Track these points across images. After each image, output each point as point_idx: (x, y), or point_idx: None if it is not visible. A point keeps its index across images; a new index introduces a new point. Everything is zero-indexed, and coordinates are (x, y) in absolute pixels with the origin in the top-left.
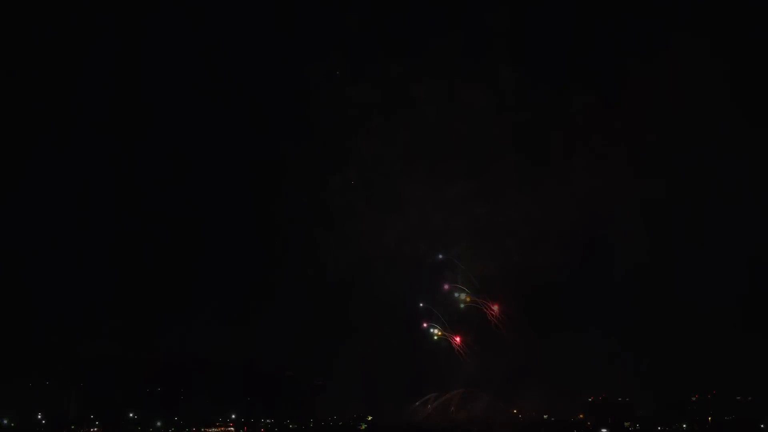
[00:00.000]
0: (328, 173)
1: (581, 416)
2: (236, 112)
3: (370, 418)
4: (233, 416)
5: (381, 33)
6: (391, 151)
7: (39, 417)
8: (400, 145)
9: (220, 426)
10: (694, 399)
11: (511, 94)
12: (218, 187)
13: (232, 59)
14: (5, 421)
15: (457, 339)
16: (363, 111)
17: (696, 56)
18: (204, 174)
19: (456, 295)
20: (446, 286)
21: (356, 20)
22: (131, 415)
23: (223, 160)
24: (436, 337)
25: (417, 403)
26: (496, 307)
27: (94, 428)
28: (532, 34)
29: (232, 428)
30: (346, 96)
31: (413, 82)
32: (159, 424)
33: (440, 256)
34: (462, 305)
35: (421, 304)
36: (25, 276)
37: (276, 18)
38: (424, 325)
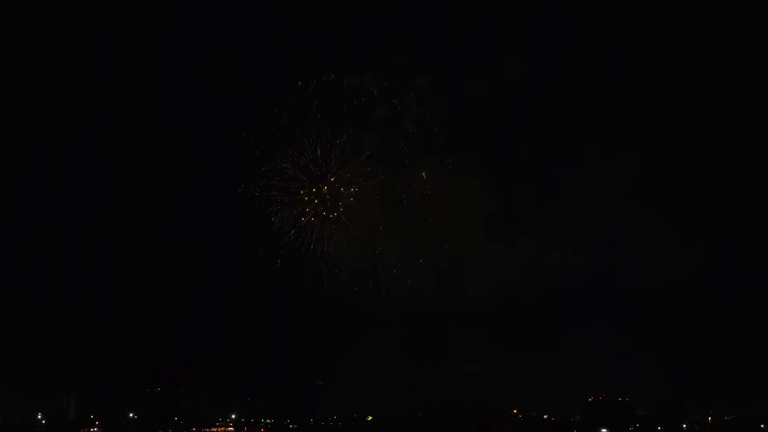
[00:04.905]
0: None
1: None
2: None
3: (370, 418)
4: (233, 416)
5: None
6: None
7: (39, 417)
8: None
9: (220, 426)
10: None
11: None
12: (222, 183)
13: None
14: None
15: None
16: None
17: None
18: (204, 175)
19: None
20: None
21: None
22: (131, 415)
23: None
24: None
25: (418, 403)
26: None
27: (94, 428)
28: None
29: (232, 428)
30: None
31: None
32: (158, 424)
33: None
34: None
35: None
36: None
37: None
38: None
